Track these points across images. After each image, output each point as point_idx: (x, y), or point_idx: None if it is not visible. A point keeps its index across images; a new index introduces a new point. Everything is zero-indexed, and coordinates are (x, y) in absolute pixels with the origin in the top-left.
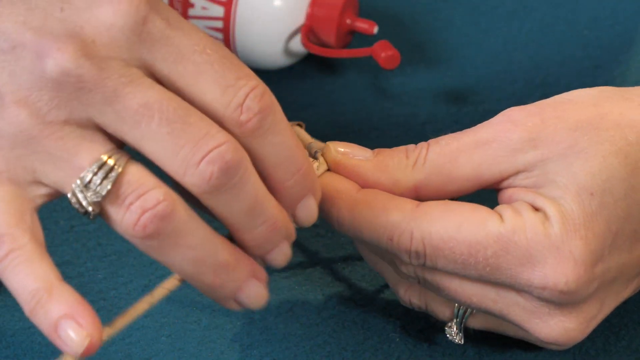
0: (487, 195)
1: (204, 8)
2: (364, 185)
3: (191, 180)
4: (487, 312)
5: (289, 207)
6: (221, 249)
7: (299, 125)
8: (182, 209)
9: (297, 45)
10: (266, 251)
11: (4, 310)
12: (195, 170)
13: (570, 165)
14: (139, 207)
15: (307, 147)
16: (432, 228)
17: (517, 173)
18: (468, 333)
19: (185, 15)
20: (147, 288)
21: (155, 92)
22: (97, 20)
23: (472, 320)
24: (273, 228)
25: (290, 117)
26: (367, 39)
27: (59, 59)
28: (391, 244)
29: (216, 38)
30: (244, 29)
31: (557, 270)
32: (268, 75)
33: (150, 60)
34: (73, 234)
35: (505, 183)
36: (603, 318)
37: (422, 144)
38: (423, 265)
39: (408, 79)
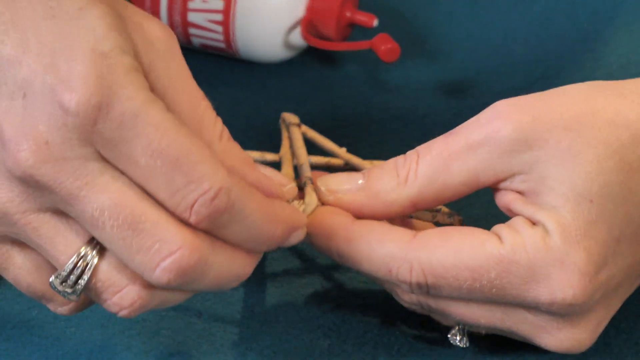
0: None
1: (203, 1)
2: (360, 214)
3: (150, 280)
4: (495, 330)
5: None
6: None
7: (298, 125)
8: (159, 294)
9: (297, 38)
10: None
11: (3, 303)
12: (152, 275)
13: (567, 170)
14: (115, 304)
15: (299, 171)
16: (431, 258)
17: (513, 175)
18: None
19: (184, 8)
20: None
21: (109, 197)
22: (51, 118)
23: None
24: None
25: (290, 110)
26: (366, 32)
27: (18, 163)
28: (390, 275)
29: (216, 31)
30: (244, 22)
31: (563, 284)
32: (268, 68)
33: (105, 155)
34: None
35: (502, 185)
36: (609, 320)
37: (412, 155)
38: (427, 294)
39: (408, 72)
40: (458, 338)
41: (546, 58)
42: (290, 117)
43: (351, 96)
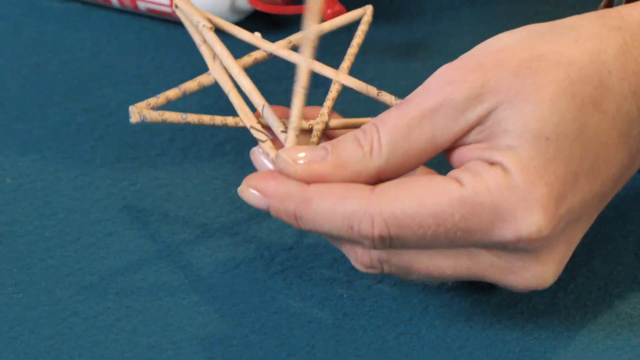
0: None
1: None
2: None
3: None
4: (461, 279)
5: None
6: None
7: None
8: None
9: (243, 2)
10: None
11: None
12: None
13: (520, 112)
14: None
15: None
16: (393, 208)
17: (469, 130)
18: None
19: None
20: (95, 246)
21: None
22: None
23: None
24: None
25: None
26: None
27: None
28: (352, 232)
29: None
30: None
31: (529, 220)
32: (215, 32)
33: None
34: (21, 192)
35: (458, 142)
36: (570, 255)
37: (371, 129)
38: (390, 247)
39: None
40: None
41: (494, 20)
42: (192, 11)
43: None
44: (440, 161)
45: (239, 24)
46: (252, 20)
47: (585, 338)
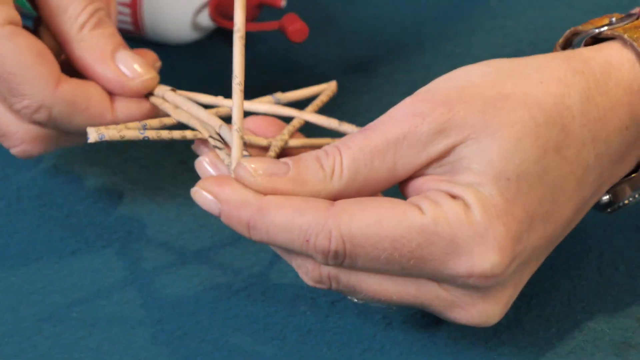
0: None
1: None
2: None
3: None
4: (406, 306)
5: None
6: None
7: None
8: None
9: (205, 19)
10: None
11: None
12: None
13: (484, 149)
14: None
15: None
16: (352, 225)
17: (431, 163)
18: None
19: None
20: (58, 264)
21: None
22: None
23: None
24: None
25: (201, 91)
26: (275, 13)
27: None
28: (307, 245)
29: (123, 13)
30: (152, 3)
31: (483, 257)
32: (177, 49)
33: None
34: None
35: (417, 173)
36: (517, 295)
37: (334, 151)
38: (340, 265)
39: (319, 51)
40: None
41: (455, 35)
42: (157, 85)
43: (262, 76)
44: (396, 188)
45: (200, 41)
46: (214, 37)
47: (549, 353)
